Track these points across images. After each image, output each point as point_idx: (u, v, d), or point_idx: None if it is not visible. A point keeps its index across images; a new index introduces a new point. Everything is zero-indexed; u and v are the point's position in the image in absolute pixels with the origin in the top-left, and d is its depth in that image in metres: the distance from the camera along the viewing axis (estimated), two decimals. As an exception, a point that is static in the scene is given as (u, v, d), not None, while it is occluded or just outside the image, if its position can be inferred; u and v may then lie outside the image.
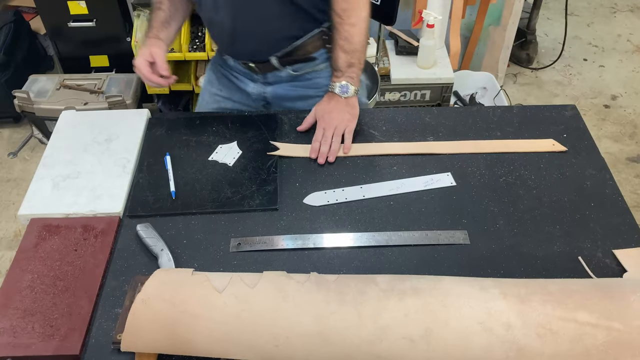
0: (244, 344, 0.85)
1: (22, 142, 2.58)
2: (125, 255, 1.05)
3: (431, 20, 2.15)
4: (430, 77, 2.30)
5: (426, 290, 0.87)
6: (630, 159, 2.50)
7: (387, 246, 1.07)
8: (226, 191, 1.17)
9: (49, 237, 1.08)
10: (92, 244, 1.07)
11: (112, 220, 1.12)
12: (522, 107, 1.45)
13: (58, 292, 0.99)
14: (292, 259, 1.05)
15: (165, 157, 1.23)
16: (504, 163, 1.23)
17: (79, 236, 1.08)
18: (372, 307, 0.85)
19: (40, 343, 0.92)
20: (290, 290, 0.88)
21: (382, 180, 1.20)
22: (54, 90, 2.35)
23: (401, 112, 1.38)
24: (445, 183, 1.19)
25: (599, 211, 1.13)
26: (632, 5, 3.50)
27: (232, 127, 1.33)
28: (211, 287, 0.88)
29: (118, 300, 0.98)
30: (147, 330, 0.87)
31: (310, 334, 0.84)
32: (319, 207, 1.14)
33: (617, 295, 0.85)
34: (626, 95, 2.85)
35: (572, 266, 1.03)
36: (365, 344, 0.83)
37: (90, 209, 1.13)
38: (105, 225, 1.11)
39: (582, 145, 1.27)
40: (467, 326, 0.83)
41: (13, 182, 2.41)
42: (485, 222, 1.11)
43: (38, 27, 2.82)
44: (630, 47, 3.17)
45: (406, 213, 1.13)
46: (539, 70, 3.01)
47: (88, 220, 1.12)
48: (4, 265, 2.08)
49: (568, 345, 0.81)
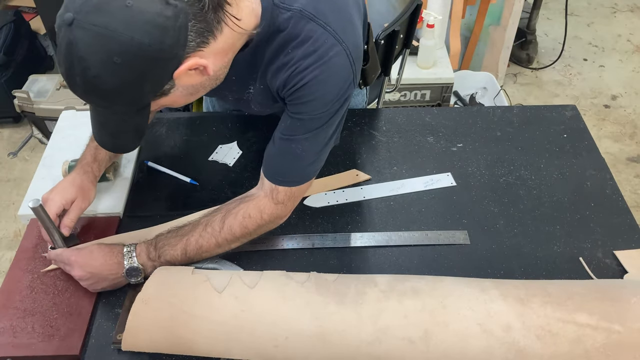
0: (243, 344, 0.85)
1: (22, 142, 2.57)
2: (125, 255, 1.05)
3: (431, 20, 2.15)
4: (430, 77, 2.29)
5: (426, 291, 0.87)
6: (630, 159, 2.50)
7: (387, 246, 1.07)
8: (226, 191, 1.17)
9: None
10: (92, 244, 1.07)
11: (112, 220, 1.11)
12: (522, 107, 1.45)
13: (58, 292, 0.99)
14: (292, 259, 1.05)
15: (147, 162, 1.23)
16: (504, 163, 1.23)
17: (79, 236, 1.08)
18: (372, 307, 0.85)
19: (40, 343, 0.92)
20: (290, 291, 0.88)
21: (382, 181, 1.20)
22: (54, 90, 2.35)
23: (401, 112, 1.38)
24: (445, 183, 1.19)
25: (599, 211, 1.13)
26: (632, 5, 3.49)
27: (232, 127, 1.32)
28: (211, 287, 0.88)
29: (118, 300, 0.98)
30: (147, 330, 0.87)
31: (310, 335, 0.84)
32: (319, 207, 1.14)
33: (617, 297, 0.85)
34: (626, 95, 2.85)
35: (572, 266, 1.03)
36: (365, 344, 0.83)
37: (90, 209, 1.13)
38: (105, 225, 1.11)
39: (582, 145, 1.27)
40: (466, 327, 0.83)
41: (13, 182, 2.41)
42: (486, 222, 1.11)
43: (38, 27, 2.82)
44: (630, 47, 3.17)
45: (406, 213, 1.13)
46: (539, 70, 3.01)
47: (88, 220, 1.12)
48: (4, 265, 2.07)
49: (567, 347, 0.81)
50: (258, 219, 0.98)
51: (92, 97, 0.78)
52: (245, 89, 1.01)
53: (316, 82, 0.87)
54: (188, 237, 0.97)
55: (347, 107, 0.96)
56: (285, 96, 0.91)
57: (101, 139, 0.88)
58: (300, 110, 0.90)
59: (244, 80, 0.98)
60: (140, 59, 0.72)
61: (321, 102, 0.89)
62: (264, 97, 0.99)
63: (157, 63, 0.74)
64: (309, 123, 0.91)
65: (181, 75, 0.77)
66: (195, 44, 0.76)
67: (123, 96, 0.77)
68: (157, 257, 0.95)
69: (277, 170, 0.97)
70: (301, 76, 0.87)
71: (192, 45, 0.75)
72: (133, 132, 0.86)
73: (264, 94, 0.98)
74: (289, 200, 0.98)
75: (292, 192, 0.98)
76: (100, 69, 0.72)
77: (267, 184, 0.98)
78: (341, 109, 0.93)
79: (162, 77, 0.76)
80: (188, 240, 0.96)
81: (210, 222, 0.98)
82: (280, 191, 0.97)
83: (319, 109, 0.89)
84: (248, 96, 1.03)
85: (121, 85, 0.74)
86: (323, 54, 0.85)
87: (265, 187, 0.98)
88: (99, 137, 0.88)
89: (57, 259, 0.98)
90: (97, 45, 0.71)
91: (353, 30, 0.90)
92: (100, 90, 0.75)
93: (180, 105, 0.88)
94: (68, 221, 1.01)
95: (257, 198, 0.99)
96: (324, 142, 0.95)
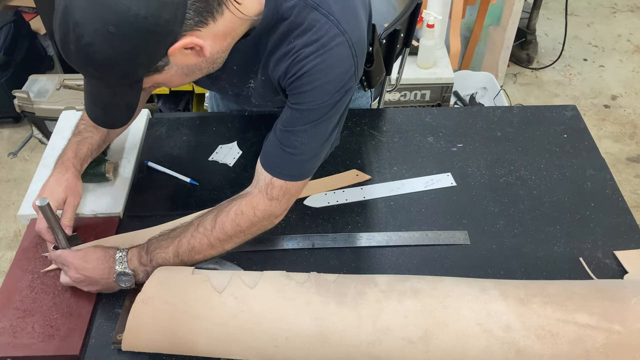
0: (243, 344, 0.85)
1: (22, 142, 2.57)
2: (125, 255, 1.05)
3: (431, 20, 2.15)
4: (430, 77, 2.29)
5: (426, 291, 0.87)
6: (630, 159, 2.50)
7: (387, 246, 1.07)
8: (226, 191, 1.17)
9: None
10: (92, 244, 1.07)
11: (112, 220, 1.11)
12: (522, 107, 1.45)
13: (58, 292, 0.99)
14: (292, 259, 1.05)
15: (147, 162, 1.23)
16: (504, 163, 1.23)
17: (79, 236, 1.08)
18: (372, 308, 0.85)
19: (40, 343, 0.92)
20: (290, 291, 0.88)
21: (383, 181, 1.20)
22: (54, 90, 2.35)
23: (401, 112, 1.38)
24: (445, 183, 1.19)
25: (599, 211, 1.13)
26: (632, 5, 3.49)
27: (232, 127, 1.32)
28: (211, 288, 0.88)
29: (118, 300, 0.98)
30: (147, 331, 0.87)
31: (310, 335, 0.84)
32: (319, 207, 1.14)
33: (617, 297, 0.85)
34: (626, 95, 2.85)
35: (572, 266, 1.03)
36: (365, 344, 0.83)
37: (90, 209, 1.13)
38: (105, 225, 1.10)
39: (582, 146, 1.27)
40: (466, 327, 0.83)
41: (13, 182, 2.41)
42: (486, 222, 1.11)
43: (38, 27, 2.82)
44: (630, 47, 3.17)
45: (406, 213, 1.13)
46: (539, 70, 3.01)
47: (88, 220, 1.12)
48: (4, 265, 2.07)
49: (567, 347, 0.81)
50: (251, 216, 0.95)
51: (84, 67, 0.78)
52: (246, 81, 1.00)
53: (316, 70, 0.86)
54: (180, 238, 0.95)
55: (347, 104, 0.95)
56: (286, 86, 0.90)
57: (93, 112, 0.88)
58: (299, 100, 0.89)
59: (245, 72, 0.97)
60: (135, 30, 0.72)
61: (321, 91, 0.87)
62: (266, 90, 0.98)
63: (152, 36, 0.73)
64: (308, 114, 0.90)
65: (176, 52, 0.77)
66: (193, 22, 0.75)
67: (116, 68, 0.76)
68: (148, 261, 0.94)
69: (274, 160, 0.95)
70: (302, 64, 0.86)
71: (190, 24, 0.75)
72: (125, 107, 0.86)
73: (266, 86, 0.97)
74: (283, 196, 0.96)
75: (288, 187, 0.96)
76: (94, 37, 0.72)
77: (262, 179, 0.96)
78: (341, 102, 0.91)
79: (156, 51, 0.76)
80: (180, 242, 0.95)
81: (203, 221, 0.96)
82: (276, 186, 0.95)
83: (318, 99, 0.88)
84: (248, 90, 1.02)
85: (114, 55, 0.74)
86: (325, 43, 0.85)
87: (260, 183, 0.97)
88: (90, 110, 0.88)
89: (57, 260, 0.97)
90: (93, 12, 0.71)
91: (357, 24, 0.90)
92: (93, 59, 0.75)
93: (175, 86, 0.88)
94: (66, 221, 1.01)
95: (251, 195, 0.97)
96: (323, 138, 0.94)
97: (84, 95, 0.86)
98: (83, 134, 1.09)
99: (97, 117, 0.89)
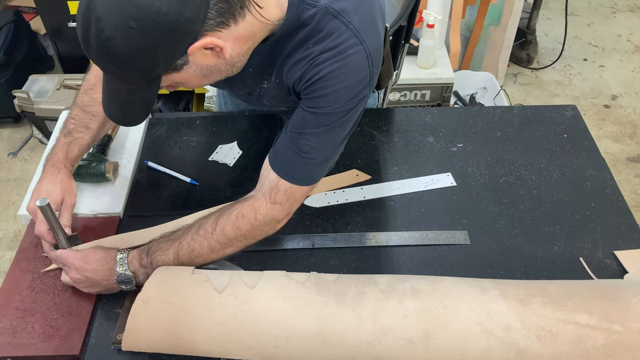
0: (243, 344, 0.85)
1: (22, 142, 2.57)
2: (125, 255, 1.05)
3: (431, 20, 2.15)
4: (430, 77, 2.29)
5: (426, 291, 0.87)
6: (630, 159, 2.50)
7: (387, 246, 1.07)
8: (226, 191, 1.17)
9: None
10: (92, 244, 1.07)
11: (112, 220, 1.11)
12: (522, 107, 1.45)
13: (58, 292, 0.99)
14: (292, 259, 1.05)
15: (147, 162, 1.23)
16: (504, 163, 1.23)
17: (79, 236, 1.08)
18: (372, 308, 0.85)
19: (40, 343, 0.92)
20: (290, 291, 0.88)
21: (383, 181, 1.20)
22: (54, 90, 2.35)
23: (401, 112, 1.38)
24: (445, 183, 1.19)
25: (599, 211, 1.13)
26: (632, 5, 3.49)
27: (232, 127, 1.32)
28: (211, 288, 0.88)
29: (118, 300, 0.98)
30: (147, 331, 0.87)
31: (310, 335, 0.84)
32: (319, 207, 1.14)
33: (617, 297, 0.85)
34: (626, 95, 2.85)
35: (572, 266, 1.03)
36: (365, 344, 0.83)
37: (90, 209, 1.13)
38: (105, 225, 1.10)
39: (582, 145, 1.27)
40: (466, 327, 0.83)
41: (13, 182, 2.41)
42: (486, 222, 1.11)
43: (38, 27, 2.82)
44: (630, 47, 3.17)
45: (406, 213, 1.13)
46: (539, 70, 3.01)
47: (88, 220, 1.12)
48: (4, 265, 2.07)
49: (567, 347, 0.81)
50: (252, 219, 0.95)
51: (105, 62, 0.78)
52: (259, 83, 1.00)
53: (332, 76, 0.86)
54: (180, 240, 0.94)
55: (360, 113, 0.95)
56: (301, 90, 0.91)
57: (110, 110, 0.88)
58: (313, 104, 0.90)
59: (259, 74, 0.98)
60: (156, 26, 0.72)
61: (335, 97, 0.88)
62: (278, 91, 0.99)
63: (172, 34, 0.73)
64: (320, 118, 0.90)
65: (195, 52, 0.77)
66: (214, 22, 0.75)
67: (135, 64, 0.76)
68: (149, 263, 0.94)
69: (283, 159, 0.95)
70: (318, 69, 0.86)
71: (211, 24, 0.75)
72: (142, 106, 0.86)
73: (279, 88, 0.97)
74: (287, 201, 0.96)
75: (292, 192, 0.95)
76: (115, 32, 0.72)
77: (266, 183, 0.96)
78: (354, 110, 0.91)
79: (176, 49, 0.76)
80: (180, 244, 0.94)
81: (204, 224, 0.95)
82: (280, 190, 0.95)
83: (332, 104, 0.88)
84: (260, 91, 1.02)
85: (134, 51, 0.74)
86: (343, 50, 0.86)
87: (264, 187, 0.96)
88: (108, 109, 0.88)
89: (58, 260, 0.97)
90: (116, 6, 0.71)
91: (375, 34, 0.90)
92: (113, 54, 0.75)
93: (193, 87, 0.88)
94: (65, 221, 1.01)
95: (254, 198, 0.97)
96: (333, 145, 0.94)
97: (102, 93, 0.87)
98: (73, 134, 1.08)
99: (114, 114, 0.89)
